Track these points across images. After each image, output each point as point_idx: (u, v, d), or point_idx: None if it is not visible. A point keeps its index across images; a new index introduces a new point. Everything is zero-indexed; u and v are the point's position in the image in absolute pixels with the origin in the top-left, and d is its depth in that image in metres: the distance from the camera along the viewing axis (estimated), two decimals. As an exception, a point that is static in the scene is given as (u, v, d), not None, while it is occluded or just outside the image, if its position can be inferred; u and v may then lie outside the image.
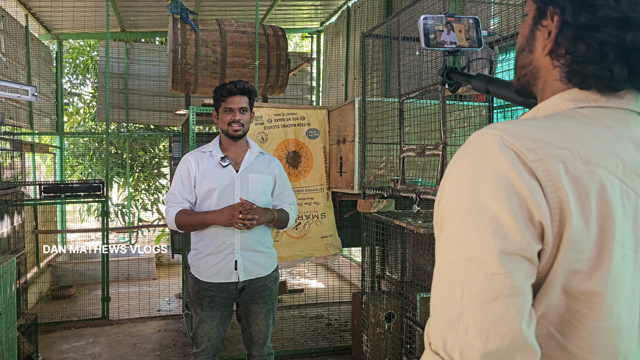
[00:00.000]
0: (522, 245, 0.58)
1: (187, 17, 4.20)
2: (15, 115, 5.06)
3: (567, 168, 0.60)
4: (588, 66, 0.66)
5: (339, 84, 6.00)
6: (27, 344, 3.27)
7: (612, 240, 0.60)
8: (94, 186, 4.34)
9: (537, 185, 0.59)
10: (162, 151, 8.26)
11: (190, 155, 2.33)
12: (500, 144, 0.61)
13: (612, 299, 0.61)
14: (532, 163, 0.59)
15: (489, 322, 0.57)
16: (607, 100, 0.67)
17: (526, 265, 0.59)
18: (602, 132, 0.64)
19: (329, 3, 6.04)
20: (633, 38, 0.63)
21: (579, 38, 0.65)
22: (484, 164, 0.61)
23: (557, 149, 0.60)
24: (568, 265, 0.60)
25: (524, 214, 0.58)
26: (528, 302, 0.59)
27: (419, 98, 2.43)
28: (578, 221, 0.59)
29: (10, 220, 3.63)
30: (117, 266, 5.92)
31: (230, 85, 2.24)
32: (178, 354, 3.78)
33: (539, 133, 0.62)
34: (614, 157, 0.62)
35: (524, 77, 0.76)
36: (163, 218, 8.22)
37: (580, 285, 0.60)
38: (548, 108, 0.71)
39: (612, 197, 0.60)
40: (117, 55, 6.45)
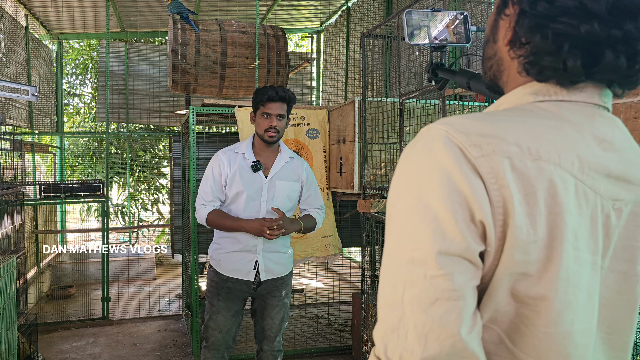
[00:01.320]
0: (462, 246, 0.55)
1: (187, 17, 4.20)
2: (15, 115, 5.06)
3: (513, 165, 0.56)
4: (544, 57, 0.62)
5: (339, 84, 6.00)
6: (27, 344, 3.27)
7: (561, 241, 0.56)
8: (94, 186, 4.34)
9: (480, 182, 0.55)
10: (162, 151, 8.26)
11: (222, 153, 2.35)
12: (445, 140, 0.57)
13: (562, 304, 0.57)
14: (476, 159, 0.56)
15: (428, 326, 0.54)
16: (570, 93, 0.64)
17: (467, 267, 0.55)
18: (561, 128, 0.61)
19: (329, 3, 6.04)
20: (588, 29, 0.59)
21: (535, 28, 0.62)
22: (428, 160, 0.58)
23: (505, 145, 0.57)
24: (513, 267, 0.56)
25: (464, 213, 0.55)
26: (469, 306, 0.55)
27: (419, 98, 2.43)
28: (523, 221, 0.55)
29: (10, 220, 3.63)
30: (117, 266, 5.93)
31: (272, 91, 2.25)
32: (178, 354, 3.78)
33: (490, 128, 0.58)
34: (570, 153, 0.59)
35: (490, 69, 0.72)
36: (163, 218, 8.22)
37: (528, 289, 0.57)
38: (510, 102, 0.67)
39: (564, 195, 0.57)
40: (117, 55, 6.45)
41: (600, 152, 0.61)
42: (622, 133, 0.65)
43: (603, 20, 0.58)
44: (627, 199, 0.63)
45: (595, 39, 0.59)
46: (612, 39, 0.59)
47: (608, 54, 0.59)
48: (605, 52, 0.59)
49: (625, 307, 0.66)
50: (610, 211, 0.61)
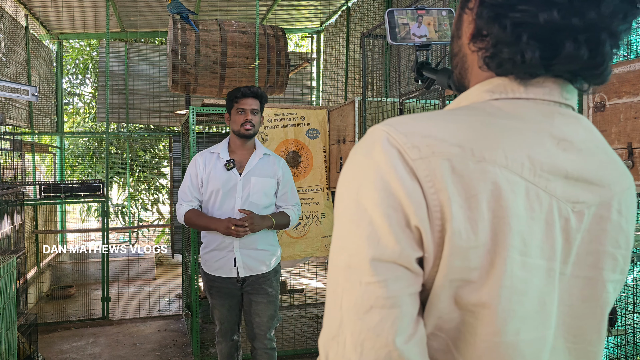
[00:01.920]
0: (396, 252, 0.52)
1: (187, 17, 4.20)
2: (15, 115, 5.06)
3: (454, 167, 0.53)
4: (503, 49, 0.58)
5: (339, 84, 6.00)
6: (27, 344, 3.27)
7: (505, 247, 0.53)
8: (94, 186, 4.34)
9: (416, 186, 0.53)
10: (162, 151, 8.26)
11: (199, 156, 2.48)
12: (385, 141, 0.55)
13: (506, 312, 0.54)
14: (414, 162, 0.53)
15: (364, 334, 0.52)
16: (527, 91, 0.60)
17: (404, 274, 0.53)
18: (513, 127, 0.57)
19: (329, 3, 6.04)
20: (547, 17, 0.54)
21: (494, 18, 0.58)
22: (367, 162, 0.55)
23: (446, 146, 0.54)
24: (454, 274, 0.54)
25: (399, 217, 0.53)
26: (406, 314, 0.53)
27: (419, 98, 2.43)
28: (463, 226, 0.52)
29: (10, 220, 3.63)
30: (117, 266, 5.93)
31: (245, 88, 2.39)
32: (178, 354, 3.78)
33: (433, 128, 0.55)
34: (520, 154, 0.55)
35: (456, 67, 0.68)
36: (163, 218, 8.22)
37: (470, 295, 0.54)
38: (468, 99, 0.64)
39: (510, 199, 0.53)
40: (117, 55, 6.45)
41: (558, 153, 0.58)
42: (587, 132, 0.62)
43: (564, 8, 0.54)
44: (590, 201, 0.60)
45: (554, 29, 0.55)
46: (573, 28, 0.55)
47: (568, 44, 0.55)
48: (565, 42, 0.55)
49: (591, 315, 0.63)
50: (569, 214, 0.58)
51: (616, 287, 0.64)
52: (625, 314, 2.44)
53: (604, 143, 0.63)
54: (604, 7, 0.54)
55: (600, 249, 0.61)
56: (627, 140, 1.93)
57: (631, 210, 0.64)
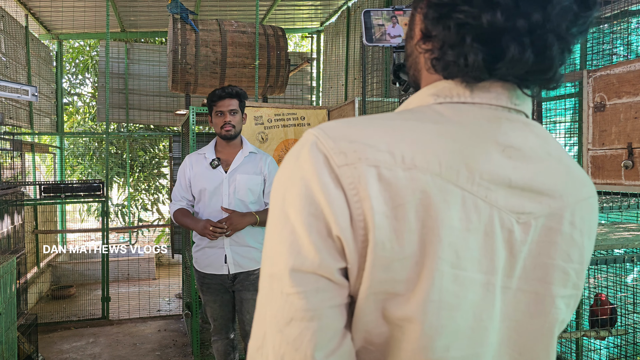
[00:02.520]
0: (315, 262, 0.50)
1: (187, 17, 4.20)
2: (15, 115, 5.06)
3: (380, 174, 0.50)
4: (448, 51, 0.55)
5: (339, 84, 6.00)
6: (27, 344, 3.27)
7: (434, 259, 0.50)
8: (94, 186, 4.34)
9: (340, 194, 0.50)
10: (162, 151, 8.26)
11: (188, 157, 2.56)
12: (312, 146, 0.52)
13: (433, 328, 0.51)
14: (340, 168, 0.50)
15: (284, 347, 0.51)
16: (473, 95, 0.57)
17: (325, 285, 0.50)
18: (451, 133, 0.54)
19: (329, 3, 6.04)
20: (490, 19, 0.51)
21: (439, 18, 0.55)
22: (294, 168, 0.53)
23: (374, 152, 0.51)
24: (377, 286, 0.51)
25: (320, 226, 0.50)
26: (328, 327, 0.50)
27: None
28: (387, 236, 0.50)
29: (10, 220, 3.63)
30: (117, 266, 5.93)
31: (220, 90, 2.43)
32: (178, 354, 3.78)
33: (364, 133, 0.53)
34: (457, 162, 0.52)
35: (410, 68, 0.65)
36: (163, 218, 8.22)
37: (397, 309, 0.52)
38: (414, 103, 0.61)
39: (441, 209, 0.50)
40: (117, 55, 6.44)
41: (503, 160, 0.54)
42: (539, 139, 0.58)
43: (508, 9, 0.51)
44: (538, 212, 0.56)
45: (498, 31, 0.52)
46: (518, 30, 0.52)
47: (513, 47, 0.52)
48: (510, 45, 0.52)
49: (538, 331, 0.59)
50: (513, 226, 0.55)
51: (569, 302, 0.61)
52: (625, 314, 2.44)
53: (559, 151, 0.60)
54: (550, 8, 0.51)
55: (548, 262, 0.58)
56: (627, 140, 1.93)
57: (588, 222, 0.61)
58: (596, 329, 2.17)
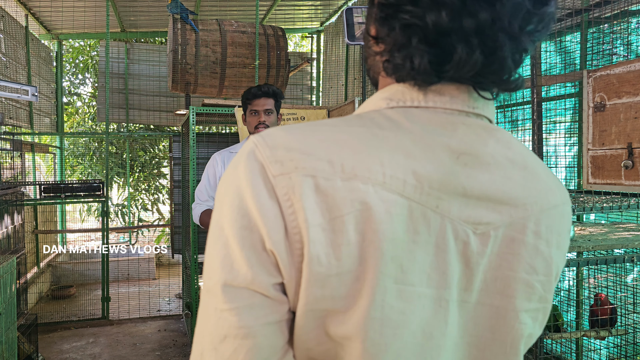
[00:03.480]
0: (248, 277, 0.47)
1: (187, 17, 4.20)
2: (15, 115, 5.06)
3: (317, 184, 0.47)
4: (396, 54, 0.52)
5: (339, 84, 6.00)
6: (27, 344, 3.27)
7: (375, 274, 0.47)
8: (94, 186, 4.34)
9: (275, 205, 0.48)
10: (162, 151, 8.26)
11: (218, 154, 2.44)
12: (250, 154, 0.50)
13: (375, 347, 0.49)
14: (275, 178, 0.48)
15: None
16: (426, 99, 0.54)
17: (260, 302, 0.48)
18: (399, 140, 0.50)
19: (329, 3, 6.04)
20: (435, 19, 0.49)
21: (385, 19, 0.52)
22: (231, 177, 0.51)
23: (312, 161, 0.48)
24: (315, 303, 0.48)
25: (253, 240, 0.48)
26: (264, 345, 0.48)
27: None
28: (323, 250, 0.47)
29: (10, 220, 3.63)
30: (117, 266, 5.93)
31: (255, 88, 2.31)
32: (178, 354, 3.78)
33: (304, 141, 0.49)
34: (403, 170, 0.49)
35: (370, 69, 0.62)
36: (163, 218, 8.22)
37: (337, 327, 0.49)
38: (368, 107, 0.58)
39: (384, 220, 0.47)
40: (117, 55, 6.44)
41: (456, 168, 0.51)
42: (500, 145, 0.54)
43: (453, 8, 0.48)
44: (497, 222, 0.53)
45: (444, 31, 0.49)
46: (465, 30, 0.48)
47: (460, 48, 0.49)
48: (456, 46, 0.49)
49: (501, 347, 0.56)
50: (469, 237, 0.51)
51: (536, 316, 0.57)
52: (625, 314, 2.45)
53: (524, 157, 0.56)
54: (500, 6, 0.48)
55: (510, 274, 0.54)
56: (627, 141, 1.93)
57: (557, 231, 0.57)
58: (596, 329, 2.17)
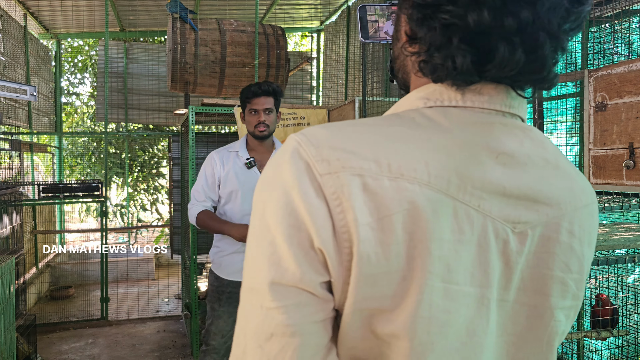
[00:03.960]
0: (297, 276, 0.47)
1: (186, 16, 4.19)
2: (14, 114, 5.05)
3: (365, 184, 0.47)
4: (435, 54, 0.52)
5: (339, 83, 5.99)
6: (26, 344, 3.26)
7: (423, 273, 0.48)
8: (93, 186, 4.32)
9: (322, 204, 0.48)
10: (161, 151, 8.25)
11: (216, 153, 2.34)
12: (294, 153, 0.50)
13: (423, 345, 0.49)
14: (322, 177, 0.48)
15: None
16: (465, 98, 0.54)
17: (308, 300, 0.48)
18: (441, 139, 0.51)
19: (329, 2, 6.03)
20: (477, 18, 0.49)
21: (424, 19, 0.52)
22: (275, 175, 0.51)
23: (359, 160, 0.48)
24: (363, 302, 0.48)
25: (301, 238, 0.48)
26: (310, 343, 0.48)
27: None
28: (373, 249, 0.47)
29: (8, 220, 3.61)
30: (116, 267, 5.91)
31: (255, 87, 2.24)
32: (177, 354, 3.77)
33: (348, 140, 0.50)
34: (447, 170, 0.49)
35: (398, 72, 0.63)
36: (162, 218, 8.20)
37: (384, 326, 0.49)
38: (403, 106, 0.59)
39: (431, 220, 0.48)
40: (116, 54, 6.43)
41: (496, 168, 0.51)
42: (534, 145, 0.55)
43: (495, 8, 0.48)
44: (535, 221, 0.53)
45: (485, 31, 0.49)
46: (506, 29, 0.49)
47: (502, 47, 0.49)
48: (499, 45, 0.49)
49: (538, 345, 0.57)
50: (509, 236, 0.52)
51: (568, 314, 0.58)
52: (627, 315, 2.44)
53: (557, 157, 0.57)
54: (540, 5, 0.48)
55: (547, 273, 0.55)
56: (628, 140, 1.92)
57: (587, 230, 0.58)
58: (597, 329, 2.17)
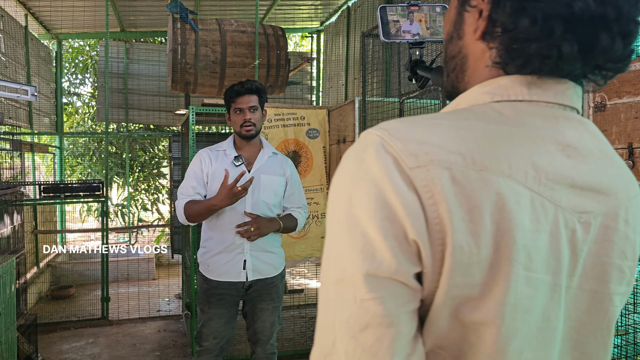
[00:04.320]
0: (392, 267, 0.49)
1: (186, 16, 4.20)
2: (15, 115, 5.06)
3: (454, 176, 0.49)
4: (531, 44, 0.54)
5: (339, 83, 6.00)
6: (27, 344, 3.26)
7: (509, 261, 0.50)
8: (94, 186, 4.33)
9: (414, 197, 0.49)
10: (162, 151, 8.26)
11: (204, 151, 2.32)
12: (379, 148, 0.51)
13: (509, 331, 0.51)
14: (411, 171, 0.49)
15: (358, 354, 0.49)
16: (530, 93, 0.56)
17: (401, 290, 0.49)
18: (515, 133, 0.53)
19: (329, 3, 6.04)
20: (583, 6, 0.50)
21: (520, 10, 0.53)
22: (360, 170, 0.52)
23: (446, 154, 0.50)
24: (455, 291, 0.50)
25: (395, 230, 0.49)
26: (404, 333, 0.50)
27: (419, 98, 2.43)
28: (465, 240, 0.49)
29: (9, 220, 3.62)
30: (117, 266, 5.92)
31: (238, 85, 2.23)
32: (178, 354, 3.78)
33: (430, 134, 0.52)
34: (524, 163, 0.52)
35: (453, 70, 0.64)
36: (163, 218, 8.21)
37: (472, 313, 0.51)
38: (466, 101, 0.60)
39: (515, 210, 0.50)
40: (117, 55, 6.44)
41: (563, 160, 0.54)
42: (592, 137, 0.58)
43: None
44: (597, 211, 0.56)
45: (590, 19, 0.51)
46: (608, 18, 0.51)
47: (604, 36, 0.51)
48: (600, 34, 0.51)
49: (598, 330, 0.60)
50: (575, 225, 0.54)
51: (622, 299, 0.61)
52: (626, 314, 2.44)
53: (609, 148, 0.60)
54: None
55: (606, 260, 0.58)
56: (627, 140, 1.93)
57: (638, 219, 0.61)
58: (597, 329, 2.17)
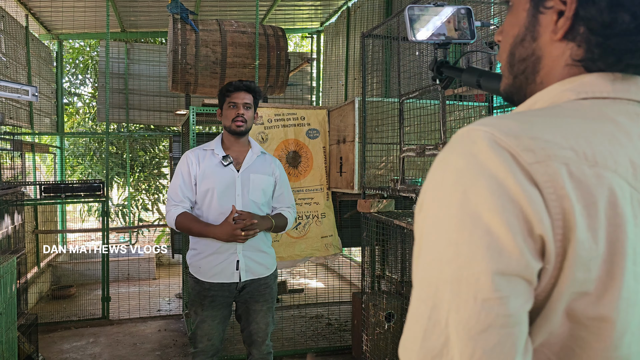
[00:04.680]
0: (521, 264, 0.48)
1: (187, 17, 4.20)
2: (16, 115, 5.07)
3: (571, 172, 0.49)
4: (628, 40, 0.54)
5: (339, 84, 6.00)
6: (27, 343, 3.27)
7: (623, 256, 0.50)
8: (94, 186, 4.34)
9: (536, 192, 0.49)
10: (163, 151, 8.26)
11: (191, 152, 2.31)
12: (492, 143, 0.50)
13: (623, 326, 0.51)
14: (531, 166, 0.49)
15: (477, 356, 0.48)
16: (615, 90, 0.56)
17: (524, 289, 0.49)
18: (609, 129, 0.53)
19: (329, 3, 6.04)
20: None
21: (618, 5, 0.54)
22: (474, 165, 0.50)
23: (560, 149, 0.50)
24: (573, 286, 0.50)
25: (522, 226, 0.48)
26: (524, 332, 0.49)
27: (419, 98, 2.43)
28: (585, 235, 0.49)
29: (10, 220, 3.63)
30: (117, 266, 5.92)
31: (237, 82, 2.27)
32: (178, 353, 3.78)
33: (537, 130, 0.51)
34: (624, 158, 0.52)
35: (522, 72, 0.64)
36: (163, 218, 8.21)
37: (588, 309, 0.50)
38: (545, 100, 0.60)
39: (623, 205, 0.50)
40: (117, 55, 6.45)
41: None
42: None
43: None
44: None
45: None
46: None
47: None
48: None
49: None
50: None
51: None
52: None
53: None
54: None
55: None
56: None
57: None
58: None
